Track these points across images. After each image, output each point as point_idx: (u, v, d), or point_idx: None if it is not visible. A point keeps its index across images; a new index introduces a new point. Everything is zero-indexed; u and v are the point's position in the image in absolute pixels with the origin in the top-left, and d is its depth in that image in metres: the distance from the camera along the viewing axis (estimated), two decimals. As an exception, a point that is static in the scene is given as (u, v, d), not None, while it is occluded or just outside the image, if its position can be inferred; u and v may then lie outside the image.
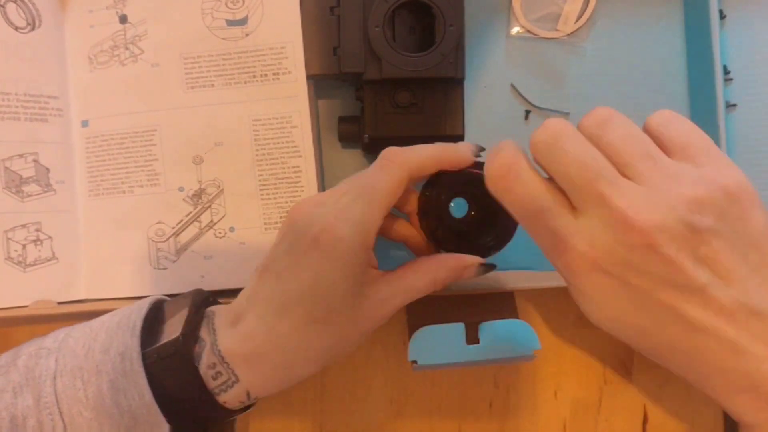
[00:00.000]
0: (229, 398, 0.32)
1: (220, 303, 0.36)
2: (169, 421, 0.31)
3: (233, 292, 0.40)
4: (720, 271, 0.26)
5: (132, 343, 0.31)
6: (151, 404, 0.30)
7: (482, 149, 0.34)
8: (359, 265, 0.31)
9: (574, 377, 0.44)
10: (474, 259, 0.34)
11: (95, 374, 0.31)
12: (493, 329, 0.39)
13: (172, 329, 0.32)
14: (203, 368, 0.31)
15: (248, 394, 0.32)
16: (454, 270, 0.33)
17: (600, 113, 0.29)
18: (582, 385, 0.44)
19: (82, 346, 0.32)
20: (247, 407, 0.34)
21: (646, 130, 0.30)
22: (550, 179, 0.30)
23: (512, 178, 0.29)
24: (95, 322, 0.34)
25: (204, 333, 0.32)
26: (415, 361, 0.38)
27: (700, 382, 0.30)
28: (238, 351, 0.31)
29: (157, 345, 0.31)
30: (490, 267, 0.34)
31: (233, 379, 0.31)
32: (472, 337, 0.38)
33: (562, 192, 0.29)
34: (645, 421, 0.44)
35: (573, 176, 0.28)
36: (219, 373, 0.31)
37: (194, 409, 0.32)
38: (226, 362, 0.31)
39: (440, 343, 0.38)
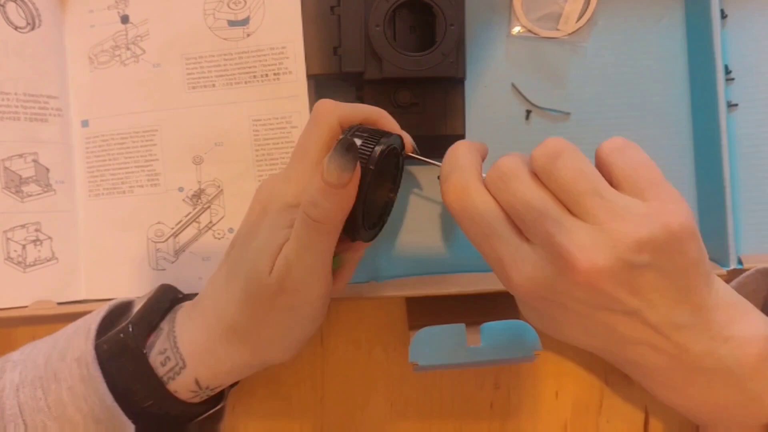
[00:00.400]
0: (179, 387, 0.31)
1: (189, 299, 0.36)
2: (134, 423, 0.30)
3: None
4: (651, 298, 0.28)
5: (87, 347, 0.31)
6: (113, 407, 0.30)
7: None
8: (287, 227, 0.30)
9: (575, 378, 0.44)
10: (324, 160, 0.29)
11: (54, 382, 0.31)
12: (494, 330, 0.38)
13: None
14: (154, 355, 0.31)
15: (197, 383, 0.31)
16: (312, 183, 0.29)
17: (551, 146, 0.29)
18: (583, 385, 0.44)
19: (43, 355, 0.32)
20: (214, 409, 0.34)
21: (598, 157, 0.30)
22: None
23: (466, 199, 0.30)
24: (59, 332, 0.34)
25: (165, 323, 0.32)
26: (416, 363, 0.38)
27: (647, 383, 0.33)
28: (187, 331, 0.31)
29: (107, 335, 0.31)
30: (349, 145, 0.29)
31: (180, 364, 0.31)
32: (473, 339, 0.38)
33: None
34: (646, 421, 0.44)
35: (521, 213, 0.29)
36: (168, 358, 0.31)
37: (150, 404, 0.31)
38: (176, 347, 0.31)
39: (441, 344, 0.38)
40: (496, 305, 0.41)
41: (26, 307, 0.39)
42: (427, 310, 0.41)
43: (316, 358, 0.43)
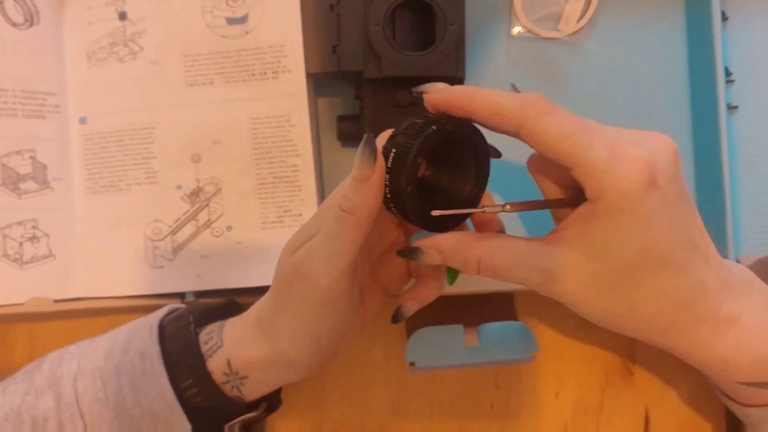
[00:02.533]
0: (215, 366, 0.32)
1: None
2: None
3: (230, 292, 0.40)
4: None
5: (151, 342, 0.32)
6: (173, 403, 0.31)
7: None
8: (339, 299, 0.30)
9: (575, 378, 0.44)
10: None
11: (115, 375, 0.32)
12: (492, 331, 0.38)
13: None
14: (203, 334, 0.33)
15: (229, 364, 0.32)
16: (345, 181, 0.29)
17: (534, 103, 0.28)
18: (583, 386, 0.44)
19: (102, 349, 0.33)
20: (248, 415, 0.34)
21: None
22: None
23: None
24: (116, 330, 0.35)
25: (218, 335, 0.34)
26: (413, 363, 0.38)
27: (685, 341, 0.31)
28: (232, 320, 0.33)
29: (173, 313, 0.33)
30: (368, 137, 0.29)
31: (219, 343, 0.32)
32: (471, 339, 0.38)
33: None
34: (646, 422, 0.44)
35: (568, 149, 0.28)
36: (211, 337, 0.32)
37: (189, 384, 0.32)
38: (221, 330, 0.33)
39: (439, 345, 0.38)
40: (494, 306, 0.41)
41: (23, 304, 0.39)
42: (425, 311, 0.41)
43: (314, 357, 0.43)
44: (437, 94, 0.29)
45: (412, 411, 0.43)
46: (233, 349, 0.32)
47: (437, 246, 0.30)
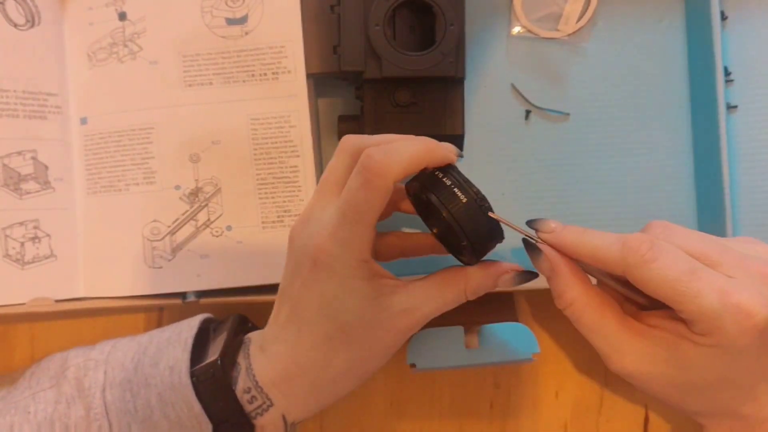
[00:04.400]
0: (266, 422, 0.32)
1: (257, 328, 0.36)
2: None
3: (230, 292, 0.40)
4: None
5: (183, 357, 0.32)
6: (201, 415, 0.31)
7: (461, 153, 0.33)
8: (361, 279, 0.30)
9: (575, 378, 0.44)
10: (510, 266, 0.31)
11: (144, 387, 0.31)
12: (492, 333, 0.38)
13: (212, 352, 0.33)
14: (239, 392, 0.32)
15: (284, 418, 0.32)
16: (486, 278, 0.31)
17: (657, 224, 0.30)
18: (583, 385, 0.44)
19: (131, 360, 0.33)
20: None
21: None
22: None
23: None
24: (143, 337, 0.35)
25: (240, 358, 0.33)
26: (413, 365, 0.38)
27: None
28: (269, 375, 0.32)
29: (197, 366, 0.32)
30: (530, 275, 0.31)
31: (268, 403, 0.32)
32: (471, 341, 0.38)
33: None
34: (646, 421, 0.44)
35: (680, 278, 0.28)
36: (254, 397, 0.32)
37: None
38: (259, 386, 0.32)
39: (439, 346, 0.38)
40: (495, 307, 0.41)
41: (24, 304, 0.39)
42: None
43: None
44: (549, 235, 0.30)
45: (412, 411, 0.43)
46: (288, 407, 0.32)
47: (555, 262, 0.30)
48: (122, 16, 0.41)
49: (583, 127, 0.43)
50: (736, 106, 0.43)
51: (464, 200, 0.29)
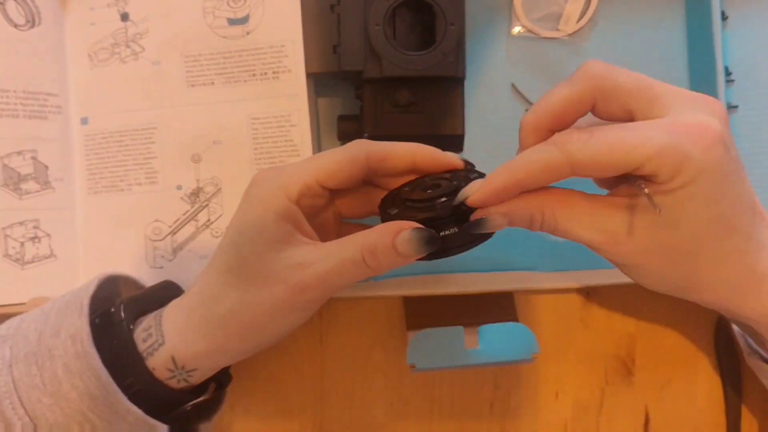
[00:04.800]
0: (157, 363, 0.31)
1: None
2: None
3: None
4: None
5: (81, 323, 0.31)
6: (108, 383, 0.30)
7: (471, 165, 0.33)
8: (274, 214, 0.30)
9: (575, 378, 0.44)
10: (406, 224, 0.29)
11: (48, 359, 0.30)
12: (492, 333, 0.38)
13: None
14: (138, 331, 0.31)
15: (174, 361, 0.31)
16: (382, 236, 0.29)
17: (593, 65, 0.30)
18: (583, 386, 0.44)
19: (34, 330, 0.32)
20: (205, 396, 0.34)
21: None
22: None
23: None
24: (47, 305, 0.33)
25: (157, 309, 0.33)
26: (413, 365, 0.38)
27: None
28: (172, 309, 0.32)
29: (100, 311, 0.31)
30: (432, 238, 0.29)
31: (160, 340, 0.31)
32: (471, 341, 0.38)
33: None
34: (646, 422, 0.44)
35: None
36: (150, 335, 0.31)
37: (132, 382, 0.31)
38: (160, 323, 0.31)
39: (439, 346, 0.38)
40: (495, 307, 0.41)
41: (24, 304, 0.39)
42: (425, 310, 0.41)
43: (315, 358, 0.43)
44: (480, 194, 0.29)
45: (412, 411, 0.43)
46: (177, 344, 0.31)
47: (501, 211, 0.29)
48: (125, 17, 0.41)
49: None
50: (736, 106, 0.43)
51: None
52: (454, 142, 0.40)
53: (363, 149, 0.31)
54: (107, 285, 0.34)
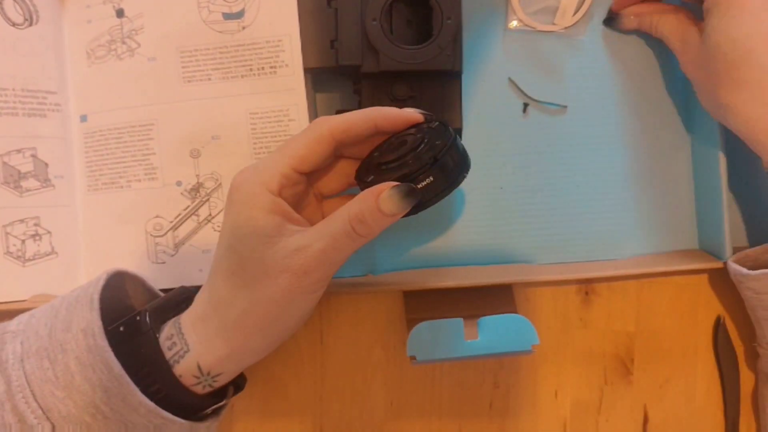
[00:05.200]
0: (183, 370, 0.32)
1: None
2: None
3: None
4: None
5: (92, 317, 0.31)
6: (121, 376, 0.30)
7: (431, 116, 0.33)
8: (262, 209, 0.30)
9: (574, 377, 0.44)
10: (385, 185, 0.30)
11: (60, 353, 0.31)
12: (491, 324, 0.38)
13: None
14: (163, 339, 0.32)
15: (199, 367, 0.32)
16: (366, 200, 0.30)
17: None
18: (582, 385, 0.44)
19: (45, 325, 0.32)
20: (225, 400, 0.34)
21: None
22: None
23: None
24: (56, 300, 0.34)
25: (177, 317, 0.33)
26: (413, 357, 0.38)
27: None
28: (190, 317, 0.32)
29: (124, 319, 0.32)
30: (411, 190, 0.30)
31: (185, 348, 0.32)
32: (471, 333, 0.38)
33: None
34: (645, 421, 0.44)
35: None
36: (174, 343, 0.32)
37: (158, 388, 0.31)
38: (181, 331, 0.32)
39: (439, 338, 0.38)
40: (494, 298, 0.41)
41: (25, 301, 0.39)
42: (424, 304, 0.41)
43: (316, 356, 0.43)
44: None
45: (412, 410, 0.43)
46: (201, 351, 0.32)
47: (635, 11, 0.41)
48: (120, 13, 0.41)
49: (580, 120, 0.43)
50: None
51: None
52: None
53: (324, 127, 0.32)
54: (114, 281, 0.35)
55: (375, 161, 0.33)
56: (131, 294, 0.36)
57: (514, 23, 0.43)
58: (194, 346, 0.32)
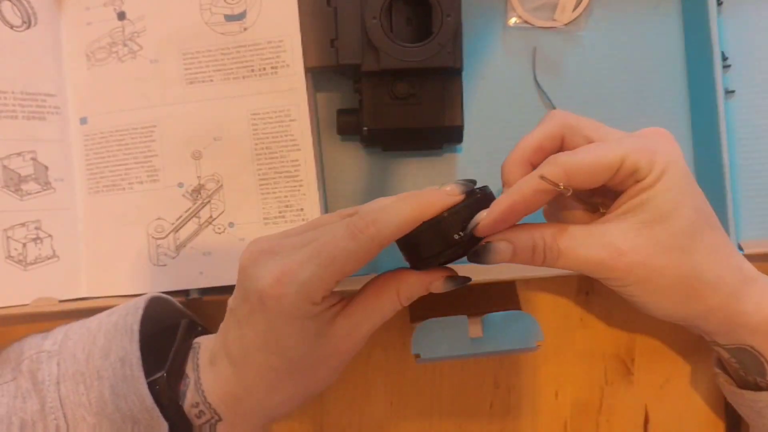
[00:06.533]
0: None
1: (208, 332, 0.37)
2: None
3: (232, 289, 0.40)
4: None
5: (131, 348, 0.32)
6: (152, 408, 0.31)
7: (472, 183, 0.31)
8: (307, 318, 0.29)
9: (575, 378, 0.44)
10: (441, 273, 0.31)
11: (96, 379, 0.32)
12: (496, 322, 0.38)
13: (162, 358, 0.33)
14: (187, 406, 0.32)
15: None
16: (419, 284, 0.31)
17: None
18: (583, 385, 0.44)
19: (82, 350, 0.33)
20: None
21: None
22: None
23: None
24: (93, 323, 0.35)
25: (189, 369, 0.33)
26: (418, 355, 0.38)
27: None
28: (218, 392, 0.32)
29: (148, 380, 0.32)
30: (462, 279, 0.31)
31: (216, 417, 0.32)
32: (475, 330, 0.38)
33: None
34: (646, 421, 0.44)
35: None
36: (202, 412, 0.32)
37: None
38: (208, 402, 0.32)
39: (443, 336, 0.38)
40: (498, 296, 0.41)
41: (27, 305, 0.39)
42: (428, 302, 0.41)
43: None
44: (488, 221, 0.30)
45: (412, 410, 0.43)
46: (236, 422, 0.32)
47: (506, 237, 0.30)
48: (121, 16, 0.41)
49: (581, 115, 0.43)
50: (733, 91, 0.43)
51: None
52: (453, 133, 0.40)
53: (376, 246, 0.28)
54: (152, 305, 0.35)
55: (425, 255, 0.30)
56: (162, 317, 0.37)
57: (513, 20, 0.43)
58: (227, 417, 0.32)
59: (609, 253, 0.30)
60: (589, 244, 0.30)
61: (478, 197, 0.30)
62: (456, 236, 0.30)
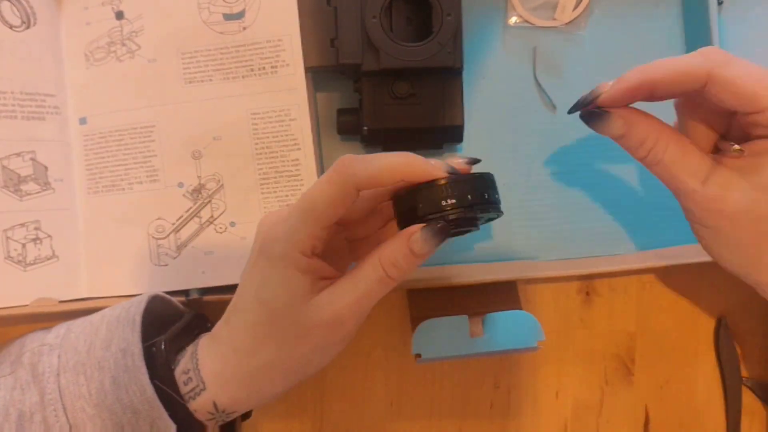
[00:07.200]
0: (198, 406, 0.32)
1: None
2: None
3: (234, 288, 0.40)
4: None
5: (133, 338, 0.32)
6: (153, 399, 0.31)
7: (476, 161, 0.32)
8: (296, 269, 0.30)
9: (575, 378, 0.44)
10: (415, 227, 0.30)
11: (97, 370, 0.32)
12: (497, 321, 0.39)
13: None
14: (178, 373, 0.32)
15: (215, 405, 0.32)
16: (397, 244, 0.30)
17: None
18: (583, 385, 0.44)
19: (84, 342, 0.33)
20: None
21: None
22: None
23: None
24: (95, 317, 0.35)
25: (191, 345, 0.33)
26: (419, 355, 0.38)
27: None
28: (209, 357, 0.32)
29: (144, 345, 0.32)
30: (440, 228, 0.29)
31: (201, 386, 0.32)
32: (476, 329, 0.38)
33: None
34: (646, 421, 0.44)
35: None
36: (190, 378, 0.32)
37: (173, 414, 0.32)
38: (198, 369, 0.32)
39: (444, 335, 0.38)
40: (499, 295, 0.41)
41: (27, 306, 0.39)
42: (429, 302, 0.41)
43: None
44: (613, 90, 0.30)
45: (412, 410, 0.43)
46: (218, 391, 0.32)
47: (625, 113, 0.30)
48: (119, 15, 0.41)
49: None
50: (733, 91, 0.43)
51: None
52: (454, 133, 0.40)
53: (350, 183, 0.29)
54: (154, 303, 0.35)
55: (420, 213, 0.30)
56: (163, 315, 0.37)
57: (513, 19, 0.43)
58: (211, 386, 0.32)
59: (706, 190, 0.30)
60: (696, 170, 0.30)
61: (475, 175, 0.30)
62: (443, 203, 0.29)
